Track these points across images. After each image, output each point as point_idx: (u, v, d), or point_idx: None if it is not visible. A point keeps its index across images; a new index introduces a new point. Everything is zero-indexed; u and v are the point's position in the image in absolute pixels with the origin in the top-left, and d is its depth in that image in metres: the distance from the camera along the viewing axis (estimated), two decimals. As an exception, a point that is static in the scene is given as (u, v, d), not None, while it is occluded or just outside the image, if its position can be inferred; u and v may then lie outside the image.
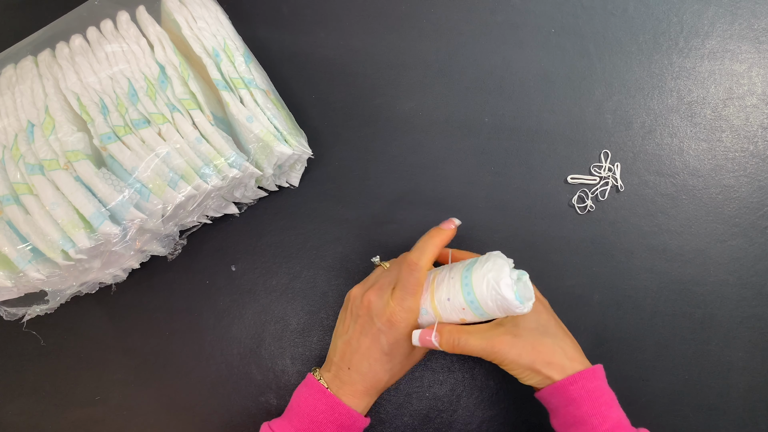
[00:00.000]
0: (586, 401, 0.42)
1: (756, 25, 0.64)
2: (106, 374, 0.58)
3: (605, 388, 0.44)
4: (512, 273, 0.44)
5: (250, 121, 0.51)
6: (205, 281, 0.60)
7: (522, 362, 0.43)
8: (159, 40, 0.53)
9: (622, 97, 0.63)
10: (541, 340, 0.45)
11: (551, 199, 0.61)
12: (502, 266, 0.43)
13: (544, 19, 0.65)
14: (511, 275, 0.43)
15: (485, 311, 0.44)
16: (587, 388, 0.42)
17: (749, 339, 0.57)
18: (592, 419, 0.42)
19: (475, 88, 0.63)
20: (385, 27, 0.65)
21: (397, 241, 0.60)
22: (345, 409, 0.46)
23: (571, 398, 0.43)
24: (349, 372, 0.47)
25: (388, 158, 0.62)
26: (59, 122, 0.49)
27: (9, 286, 0.48)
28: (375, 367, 0.47)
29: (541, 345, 0.44)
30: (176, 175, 0.49)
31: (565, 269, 0.59)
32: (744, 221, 0.60)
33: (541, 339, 0.45)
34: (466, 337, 0.44)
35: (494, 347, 0.44)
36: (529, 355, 0.43)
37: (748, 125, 0.62)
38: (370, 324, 0.47)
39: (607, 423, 0.42)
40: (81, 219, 0.46)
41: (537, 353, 0.44)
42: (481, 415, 0.56)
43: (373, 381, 0.47)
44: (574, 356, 0.45)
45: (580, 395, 0.42)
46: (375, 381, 0.47)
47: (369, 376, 0.47)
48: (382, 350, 0.46)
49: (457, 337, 0.44)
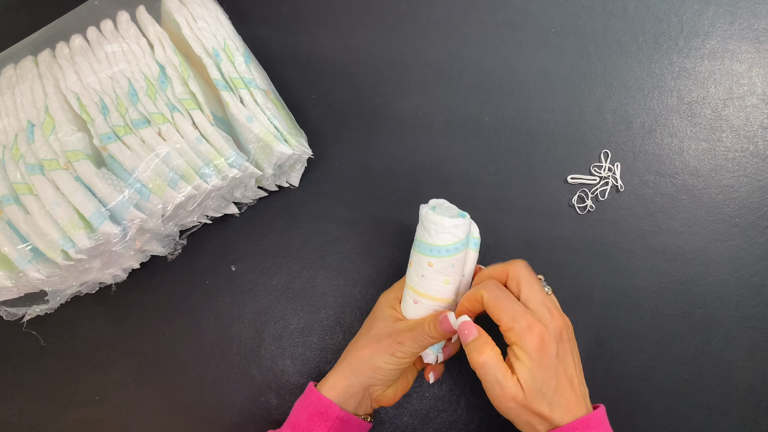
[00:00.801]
0: None
1: (756, 25, 0.64)
2: (106, 374, 0.58)
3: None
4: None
5: (250, 121, 0.51)
6: (205, 281, 0.60)
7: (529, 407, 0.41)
8: (159, 40, 0.53)
9: (622, 97, 0.63)
10: (548, 381, 0.41)
11: (551, 199, 0.61)
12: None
13: (544, 19, 0.65)
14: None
15: (433, 243, 0.45)
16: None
17: (749, 339, 0.57)
18: None
19: (475, 88, 0.63)
20: (385, 27, 0.65)
21: (397, 241, 0.60)
22: (316, 396, 0.46)
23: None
24: (339, 362, 0.49)
25: (388, 158, 0.62)
26: (59, 122, 0.49)
27: (9, 286, 0.48)
28: (357, 340, 0.49)
29: (545, 387, 0.41)
30: (176, 175, 0.49)
31: (565, 269, 0.59)
32: (744, 221, 0.60)
33: (549, 379, 0.41)
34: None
35: (503, 392, 0.41)
36: (534, 401, 0.40)
37: (748, 125, 0.62)
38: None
39: None
40: (81, 219, 0.46)
41: (542, 397, 0.41)
42: (481, 415, 0.56)
43: (351, 353, 0.48)
44: (577, 401, 0.42)
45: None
46: (354, 353, 0.48)
47: (347, 349, 0.49)
48: (364, 325, 0.50)
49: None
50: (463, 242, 0.45)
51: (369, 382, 0.47)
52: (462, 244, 0.45)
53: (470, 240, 0.47)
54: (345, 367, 0.48)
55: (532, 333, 0.41)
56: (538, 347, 0.41)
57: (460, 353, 0.57)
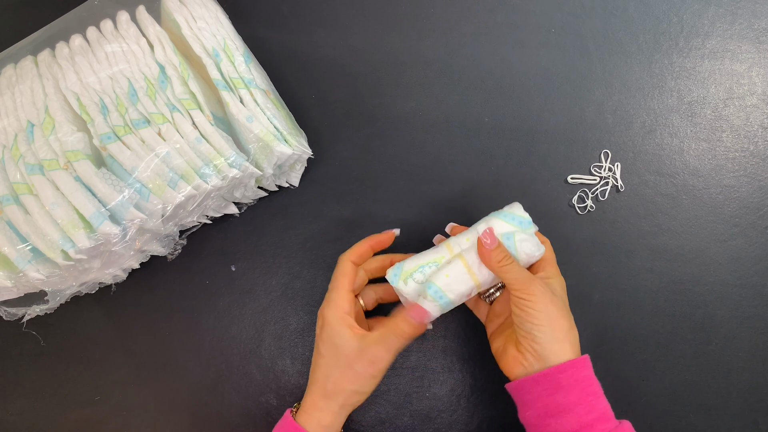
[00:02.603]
0: (575, 390, 0.41)
1: (756, 25, 0.64)
2: (106, 374, 0.58)
3: (593, 377, 0.43)
4: None
5: (250, 121, 0.51)
6: (205, 281, 0.60)
7: (541, 322, 0.42)
8: (159, 40, 0.53)
9: (622, 97, 0.63)
10: (565, 316, 0.44)
11: (551, 199, 0.61)
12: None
13: (544, 19, 0.65)
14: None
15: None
16: (577, 377, 0.42)
17: (749, 339, 0.57)
18: (577, 408, 0.41)
19: (475, 88, 0.63)
20: (385, 27, 0.65)
21: (397, 242, 0.60)
22: (290, 424, 0.45)
23: (560, 386, 0.42)
24: (309, 387, 0.47)
25: (388, 158, 0.62)
26: (59, 122, 0.49)
27: (9, 286, 0.48)
28: (327, 371, 0.45)
29: (562, 319, 0.44)
30: (176, 175, 0.49)
31: (565, 269, 0.59)
32: (744, 221, 0.60)
33: (566, 316, 0.44)
34: (514, 260, 0.45)
35: (532, 285, 0.43)
36: (551, 321, 0.43)
37: (748, 125, 0.62)
38: (318, 334, 0.47)
39: (592, 413, 0.41)
40: (81, 219, 0.46)
41: (557, 325, 0.43)
42: (481, 415, 0.56)
43: (328, 387, 0.45)
44: (575, 343, 0.44)
45: (569, 383, 0.41)
46: (332, 387, 0.45)
47: (321, 381, 0.45)
48: (321, 353, 0.46)
49: (507, 256, 0.45)
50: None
51: (354, 404, 0.46)
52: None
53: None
54: (327, 399, 0.45)
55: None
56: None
57: (459, 355, 0.57)
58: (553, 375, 0.42)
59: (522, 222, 0.48)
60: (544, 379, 0.42)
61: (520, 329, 0.44)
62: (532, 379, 0.43)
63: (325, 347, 0.46)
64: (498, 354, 0.47)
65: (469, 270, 0.45)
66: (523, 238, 0.46)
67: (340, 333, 0.45)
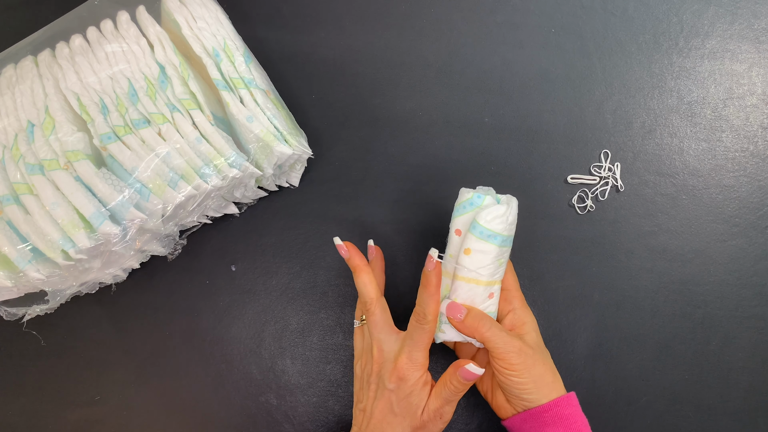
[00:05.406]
0: (561, 427, 0.44)
1: (756, 25, 0.64)
2: (106, 374, 0.58)
3: (579, 414, 0.45)
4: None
5: (250, 121, 0.51)
6: (205, 281, 0.60)
7: (527, 386, 0.44)
8: (159, 40, 0.53)
9: (622, 97, 0.63)
10: (546, 364, 0.46)
11: (551, 199, 0.61)
12: None
13: (544, 19, 0.65)
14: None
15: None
16: (561, 415, 0.44)
17: (749, 339, 0.57)
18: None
19: (475, 88, 0.63)
20: (385, 27, 0.65)
21: (398, 242, 0.60)
22: None
23: (545, 423, 0.44)
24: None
25: (388, 158, 0.62)
26: (59, 122, 0.49)
27: (9, 286, 0.48)
28: (401, 430, 0.45)
29: (546, 373, 0.46)
30: (176, 175, 0.49)
31: (565, 269, 0.59)
32: (744, 221, 0.60)
33: (547, 364, 0.46)
34: (490, 323, 0.45)
35: (512, 353, 0.44)
36: (536, 381, 0.45)
37: (748, 125, 0.62)
38: (382, 387, 0.46)
39: None
40: (81, 219, 0.46)
41: (542, 381, 0.45)
42: (481, 415, 0.56)
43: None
44: (559, 383, 0.46)
45: (554, 421, 0.44)
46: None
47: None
48: (393, 411, 0.45)
49: (482, 320, 0.45)
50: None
51: None
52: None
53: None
54: None
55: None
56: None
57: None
58: (539, 414, 0.44)
59: (472, 202, 0.47)
60: (531, 419, 0.45)
61: (506, 391, 0.46)
62: (520, 418, 0.46)
63: (400, 406, 0.45)
64: (486, 396, 0.50)
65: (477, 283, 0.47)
66: (483, 215, 0.45)
67: (421, 395, 0.45)
